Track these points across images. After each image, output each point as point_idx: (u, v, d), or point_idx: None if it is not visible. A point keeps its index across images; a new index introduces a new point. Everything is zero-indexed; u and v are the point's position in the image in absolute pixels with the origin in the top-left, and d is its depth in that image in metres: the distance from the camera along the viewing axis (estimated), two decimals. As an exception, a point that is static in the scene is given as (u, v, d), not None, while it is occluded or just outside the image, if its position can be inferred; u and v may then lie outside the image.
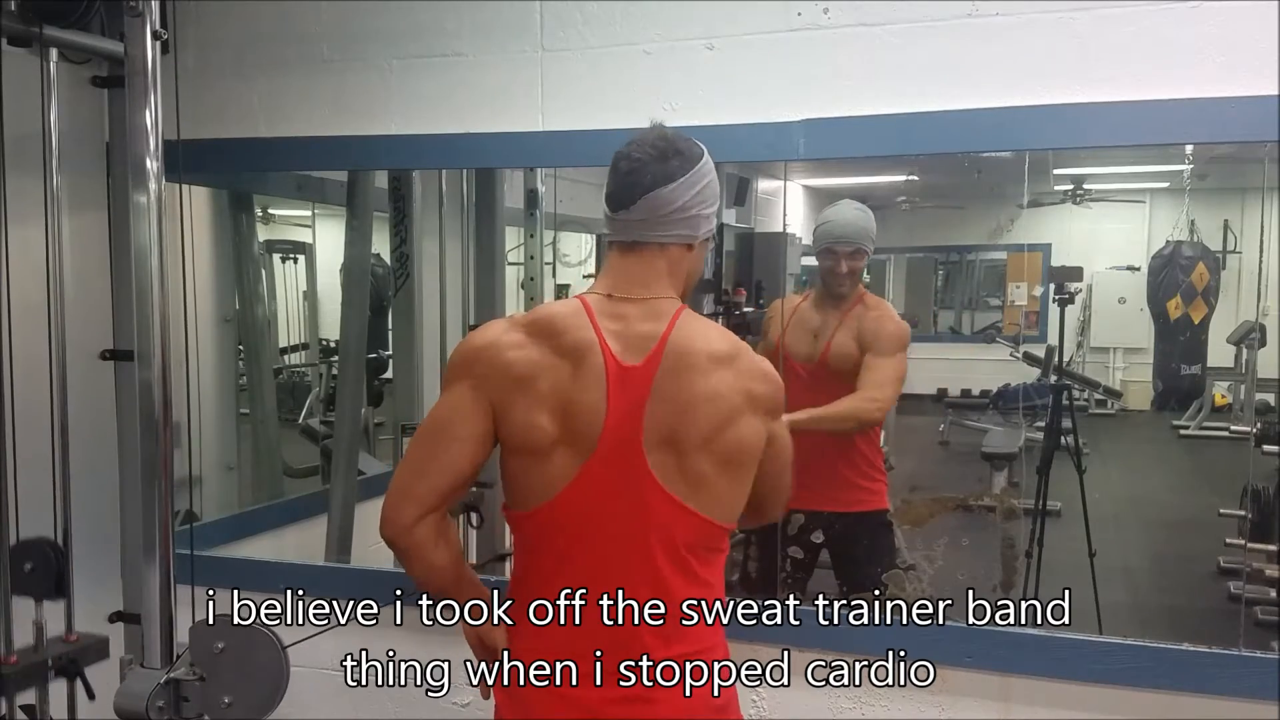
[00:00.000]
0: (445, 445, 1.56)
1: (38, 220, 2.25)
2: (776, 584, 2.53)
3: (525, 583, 1.65)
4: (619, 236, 1.60)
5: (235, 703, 1.79)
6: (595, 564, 1.56)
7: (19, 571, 2.14)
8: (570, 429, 1.53)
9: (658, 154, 1.54)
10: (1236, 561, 3.26)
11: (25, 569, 2.14)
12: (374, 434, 3.69)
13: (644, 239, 1.58)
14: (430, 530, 1.57)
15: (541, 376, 1.53)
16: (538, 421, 1.52)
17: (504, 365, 1.54)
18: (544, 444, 1.53)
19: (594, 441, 1.52)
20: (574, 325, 1.55)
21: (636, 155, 1.55)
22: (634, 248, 1.59)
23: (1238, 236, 4.18)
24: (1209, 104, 1.88)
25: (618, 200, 1.57)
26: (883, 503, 2.75)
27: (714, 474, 1.53)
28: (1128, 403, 4.80)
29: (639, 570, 1.54)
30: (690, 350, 1.53)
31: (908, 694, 2.16)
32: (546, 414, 1.52)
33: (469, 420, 1.55)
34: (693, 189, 1.56)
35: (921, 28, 2.05)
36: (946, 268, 5.24)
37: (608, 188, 1.59)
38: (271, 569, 2.60)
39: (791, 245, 3.32)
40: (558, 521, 1.57)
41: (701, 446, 1.51)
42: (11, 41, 2.12)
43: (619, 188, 1.56)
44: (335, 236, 3.26)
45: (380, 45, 2.42)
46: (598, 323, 1.55)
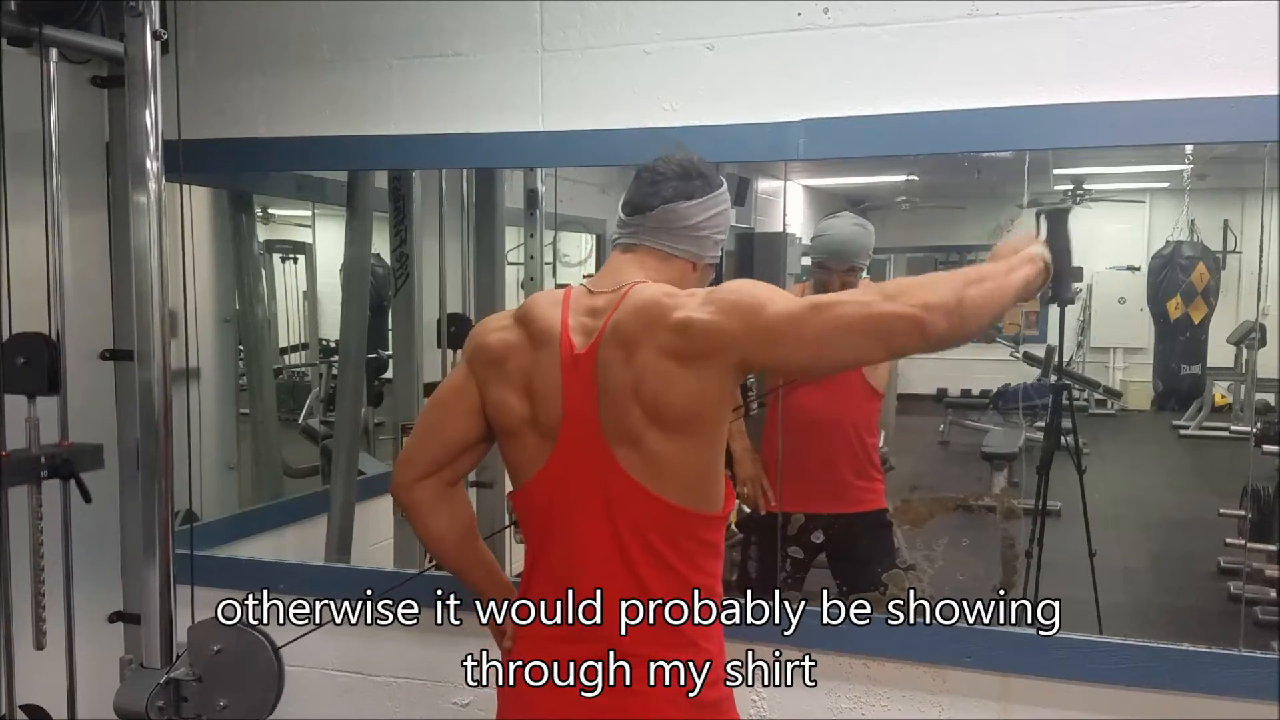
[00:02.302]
0: (440, 416, 1.72)
1: (38, 220, 2.25)
2: (777, 583, 2.53)
3: (525, 576, 1.69)
4: (625, 239, 1.64)
5: (231, 705, 1.79)
6: (568, 554, 1.59)
7: (11, 367, 2.09)
8: (536, 412, 1.59)
9: (682, 172, 1.64)
10: (1236, 561, 3.26)
11: (18, 364, 2.09)
12: (374, 434, 3.69)
13: (650, 244, 1.63)
14: (428, 494, 1.70)
15: (511, 357, 1.62)
16: (507, 400, 1.61)
17: (485, 346, 1.65)
18: (514, 423, 1.61)
19: (556, 428, 1.57)
20: (547, 312, 1.61)
21: (661, 169, 1.64)
22: (633, 249, 1.64)
23: (1238, 236, 4.18)
24: (1209, 104, 1.88)
25: (634, 206, 1.63)
26: (881, 502, 2.75)
27: (672, 451, 1.51)
28: (1128, 403, 4.80)
29: (611, 562, 1.55)
30: (621, 327, 1.52)
31: (908, 694, 2.16)
32: (514, 394, 1.61)
33: (461, 395, 1.68)
34: (708, 211, 1.63)
35: (921, 28, 2.05)
36: (947, 268, 5.25)
37: (626, 194, 1.67)
38: (271, 569, 2.60)
39: (791, 245, 3.32)
40: (533, 504, 1.62)
41: (650, 424, 1.50)
42: (11, 41, 2.12)
43: (639, 195, 1.63)
44: (335, 236, 3.26)
45: (380, 45, 2.42)
46: (567, 310, 1.60)
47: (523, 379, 1.60)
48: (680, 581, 1.55)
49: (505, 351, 1.62)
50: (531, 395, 1.59)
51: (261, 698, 1.79)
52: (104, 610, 2.66)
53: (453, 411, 1.69)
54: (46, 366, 2.11)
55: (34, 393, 2.12)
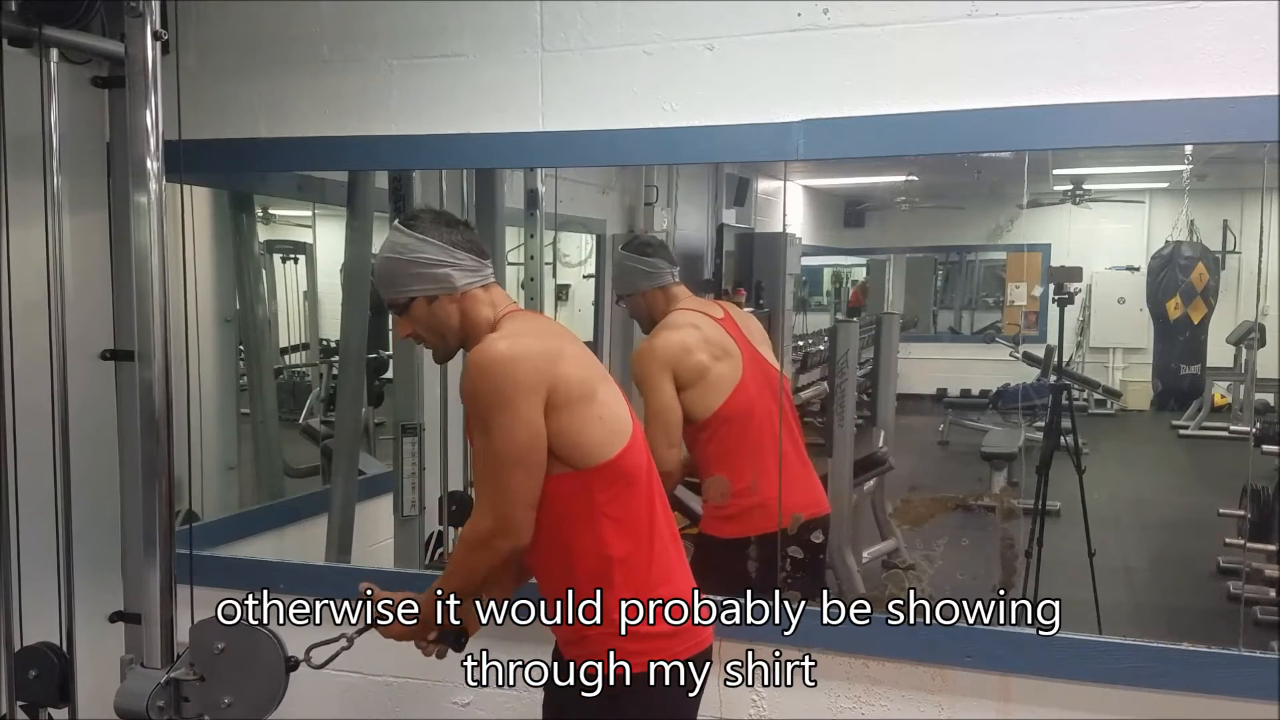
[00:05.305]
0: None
1: (38, 220, 2.25)
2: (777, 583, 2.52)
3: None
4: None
5: (235, 703, 1.79)
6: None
7: (23, 678, 2.10)
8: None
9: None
10: (1236, 561, 3.26)
11: (30, 676, 2.11)
12: (374, 434, 3.69)
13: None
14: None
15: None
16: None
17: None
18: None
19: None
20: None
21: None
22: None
23: (1237, 236, 4.17)
24: (1209, 104, 1.89)
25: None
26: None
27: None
28: (1127, 403, 4.79)
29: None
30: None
31: (908, 694, 2.17)
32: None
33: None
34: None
35: (921, 28, 2.05)
36: (946, 268, 5.23)
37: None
38: (272, 569, 2.61)
39: (791, 245, 3.33)
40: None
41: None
42: (12, 42, 2.11)
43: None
44: (335, 236, 3.26)
45: (380, 45, 2.42)
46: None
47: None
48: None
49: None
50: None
51: (265, 695, 1.79)
52: (104, 610, 2.66)
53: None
54: (57, 678, 2.12)
55: (44, 704, 2.14)
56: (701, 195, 3.65)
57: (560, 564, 1.81)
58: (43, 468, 2.23)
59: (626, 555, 1.78)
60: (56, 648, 2.16)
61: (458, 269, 1.84)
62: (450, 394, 3.01)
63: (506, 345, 1.76)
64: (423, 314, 1.86)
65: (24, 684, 2.10)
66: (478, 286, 1.86)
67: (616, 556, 1.78)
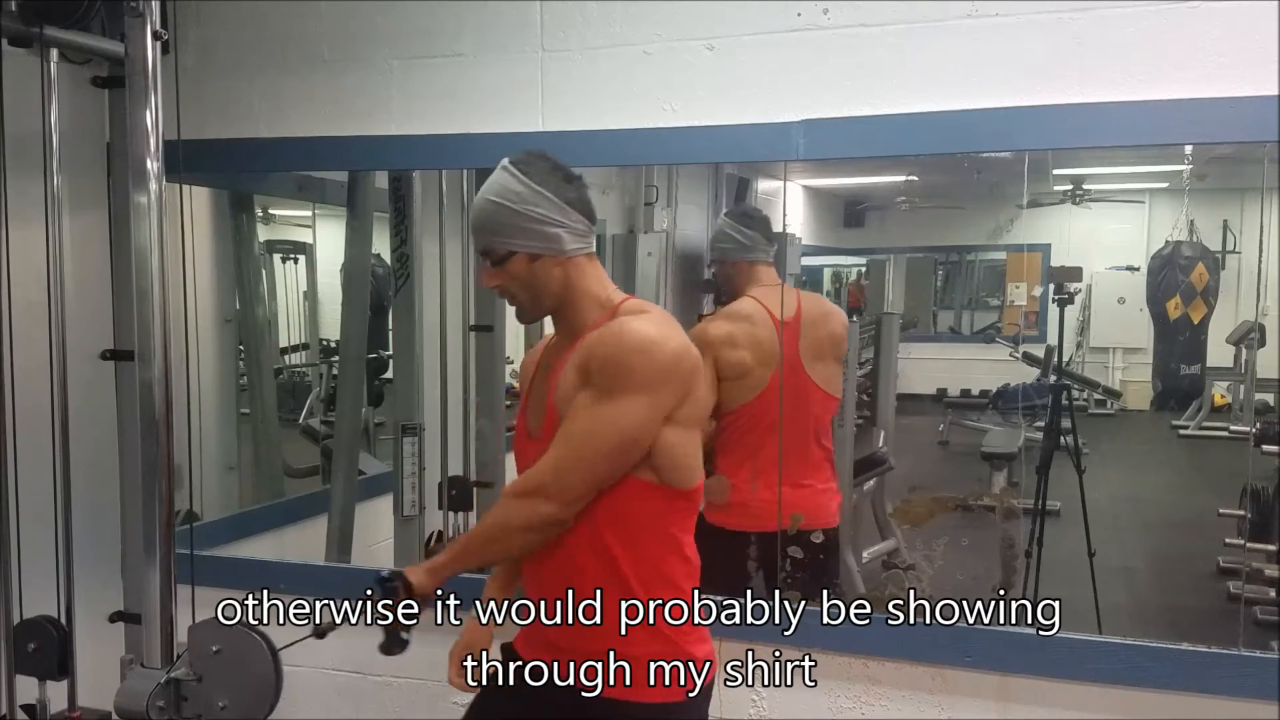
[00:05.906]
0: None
1: (38, 220, 2.25)
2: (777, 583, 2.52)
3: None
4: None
5: (230, 706, 1.78)
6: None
7: (22, 651, 2.11)
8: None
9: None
10: (1236, 561, 3.26)
11: (29, 649, 2.12)
12: (374, 434, 3.69)
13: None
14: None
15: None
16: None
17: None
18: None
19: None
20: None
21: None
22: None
23: (1237, 236, 4.18)
24: (1209, 104, 1.89)
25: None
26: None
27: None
28: (1127, 403, 4.79)
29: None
30: None
31: (908, 694, 2.16)
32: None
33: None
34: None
35: (921, 28, 2.05)
36: (946, 268, 5.24)
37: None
38: (272, 569, 2.60)
39: (791, 245, 3.32)
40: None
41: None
42: (12, 41, 2.12)
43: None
44: (335, 237, 3.26)
45: (380, 45, 2.42)
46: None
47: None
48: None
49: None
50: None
51: (260, 699, 1.78)
52: (104, 610, 2.66)
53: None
54: (56, 651, 2.13)
55: (44, 677, 2.14)
56: (701, 195, 3.64)
57: (604, 568, 1.68)
58: (43, 468, 2.23)
59: (678, 578, 1.70)
60: (55, 620, 2.16)
61: (569, 231, 1.67)
62: (450, 394, 3.01)
63: (680, 341, 1.63)
64: (521, 270, 1.68)
65: (23, 658, 2.11)
66: (583, 254, 1.70)
67: (674, 578, 1.69)
